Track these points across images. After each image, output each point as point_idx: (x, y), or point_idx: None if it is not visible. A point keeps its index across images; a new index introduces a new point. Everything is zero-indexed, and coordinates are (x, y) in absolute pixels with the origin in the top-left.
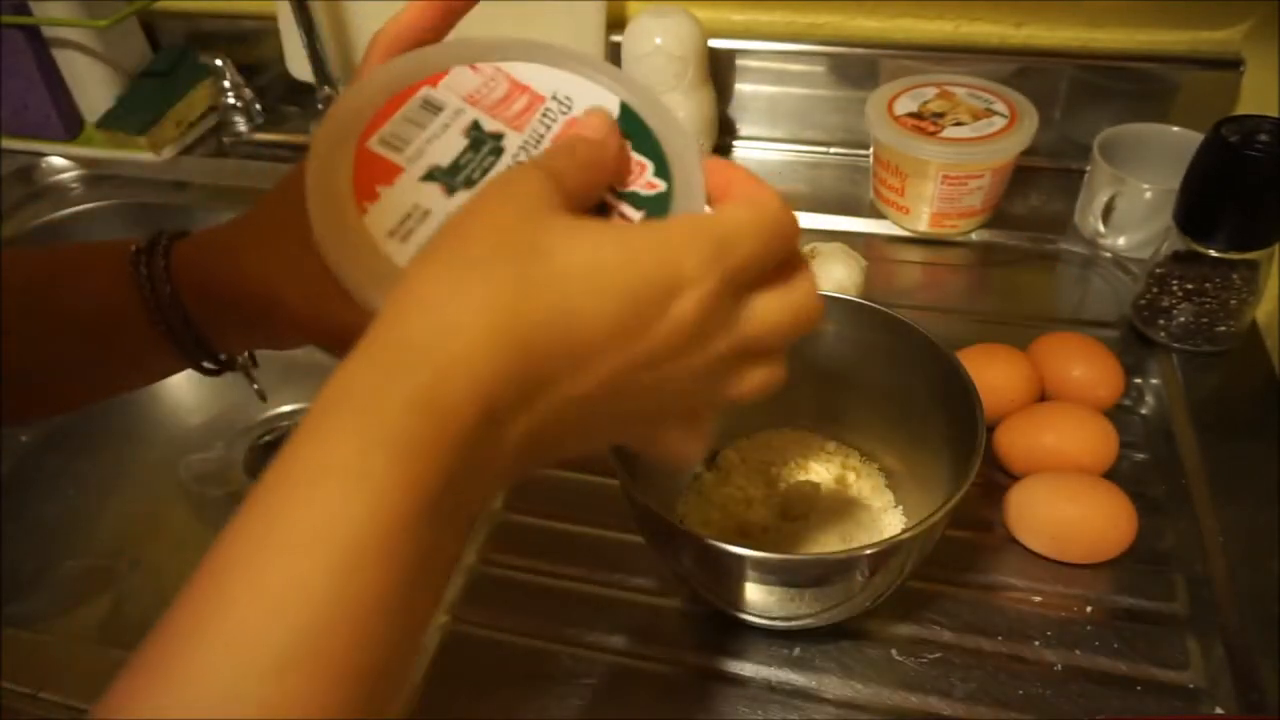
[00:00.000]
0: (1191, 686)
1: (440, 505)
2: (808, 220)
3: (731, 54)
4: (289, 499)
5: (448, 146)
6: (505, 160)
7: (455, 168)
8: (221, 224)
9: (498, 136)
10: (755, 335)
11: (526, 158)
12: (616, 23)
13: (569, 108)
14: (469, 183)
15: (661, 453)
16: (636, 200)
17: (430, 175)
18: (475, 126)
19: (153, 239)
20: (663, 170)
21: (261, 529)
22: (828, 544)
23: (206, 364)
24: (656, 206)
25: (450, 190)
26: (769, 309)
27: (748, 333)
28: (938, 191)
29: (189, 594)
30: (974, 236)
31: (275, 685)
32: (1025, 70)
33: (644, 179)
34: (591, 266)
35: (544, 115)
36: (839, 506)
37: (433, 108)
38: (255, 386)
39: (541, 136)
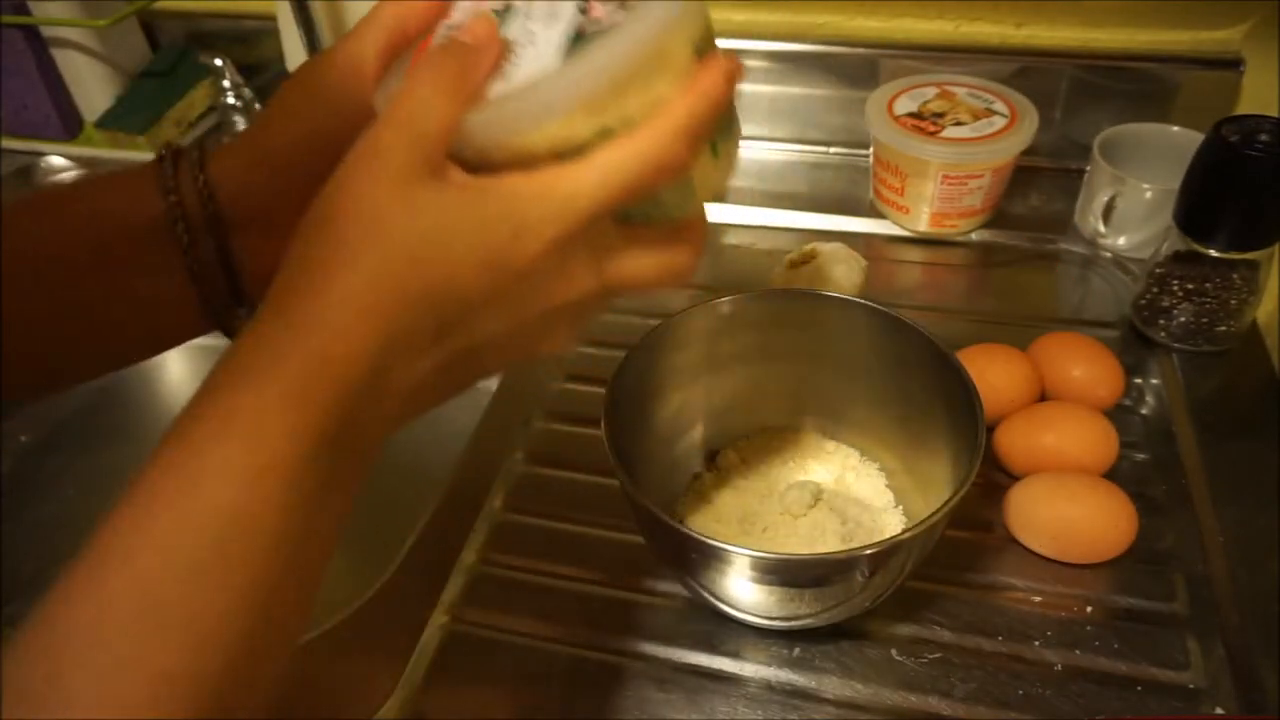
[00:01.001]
0: (1191, 686)
1: (334, 444)
2: (808, 220)
3: (732, 54)
4: (198, 439)
5: None
6: (521, 20)
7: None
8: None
9: (507, 7)
10: (615, 284)
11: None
12: None
13: None
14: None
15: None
16: None
17: None
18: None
19: (176, 151)
20: None
21: (179, 460)
22: (828, 544)
23: (216, 300)
24: None
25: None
26: (636, 266)
27: (607, 280)
28: (938, 191)
29: (111, 521)
30: (974, 236)
31: (191, 586)
32: (1025, 70)
33: None
34: (446, 238)
35: None
36: (839, 506)
37: (454, 26)
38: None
39: None
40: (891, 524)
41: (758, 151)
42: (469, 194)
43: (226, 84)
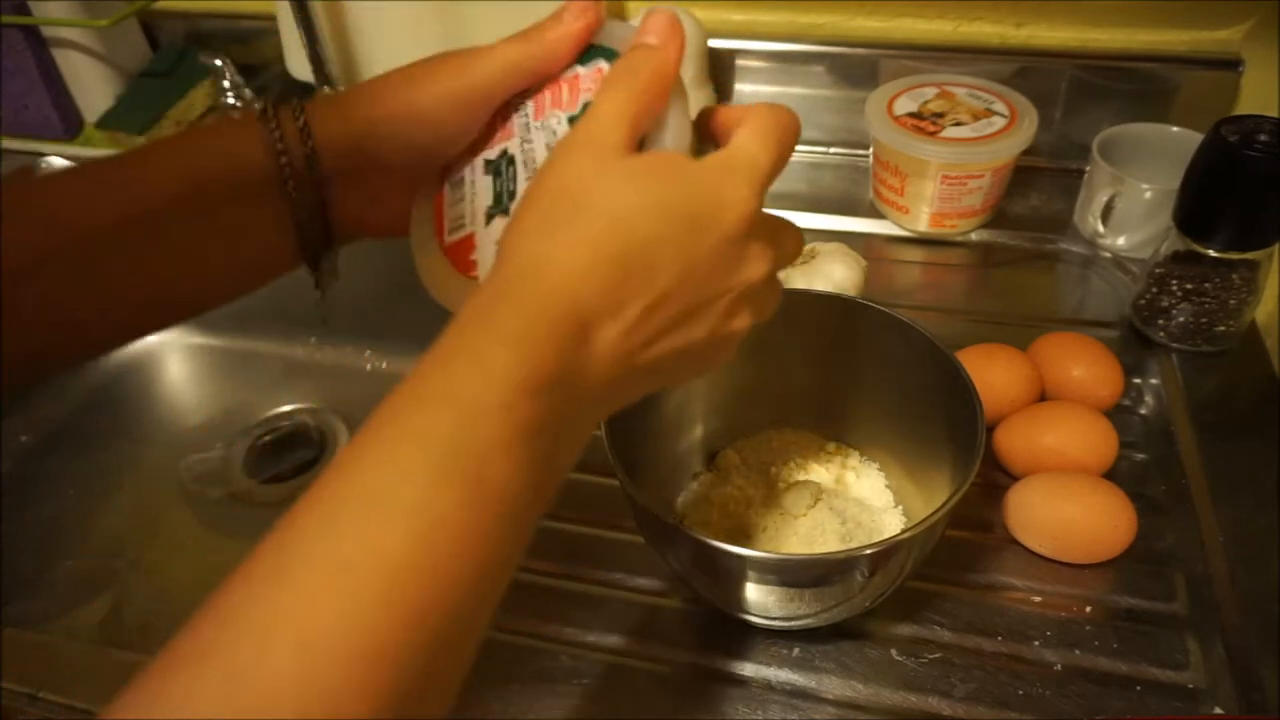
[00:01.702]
0: (1191, 686)
1: (546, 390)
2: (808, 220)
3: (731, 54)
4: (427, 368)
5: (484, 191)
6: (520, 165)
7: (499, 196)
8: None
9: (504, 154)
10: (780, 260)
11: (529, 151)
12: None
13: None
14: (512, 195)
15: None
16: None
17: (490, 217)
18: (486, 164)
19: (277, 105)
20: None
21: (412, 384)
22: (828, 544)
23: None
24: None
25: (508, 211)
26: (786, 241)
27: (777, 256)
28: (937, 191)
29: (356, 436)
30: (974, 236)
31: (417, 486)
32: (1025, 70)
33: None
34: (653, 203)
35: (519, 113)
36: (839, 506)
37: (457, 182)
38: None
39: (527, 126)
40: (891, 524)
41: None
42: (664, 172)
43: (226, 84)
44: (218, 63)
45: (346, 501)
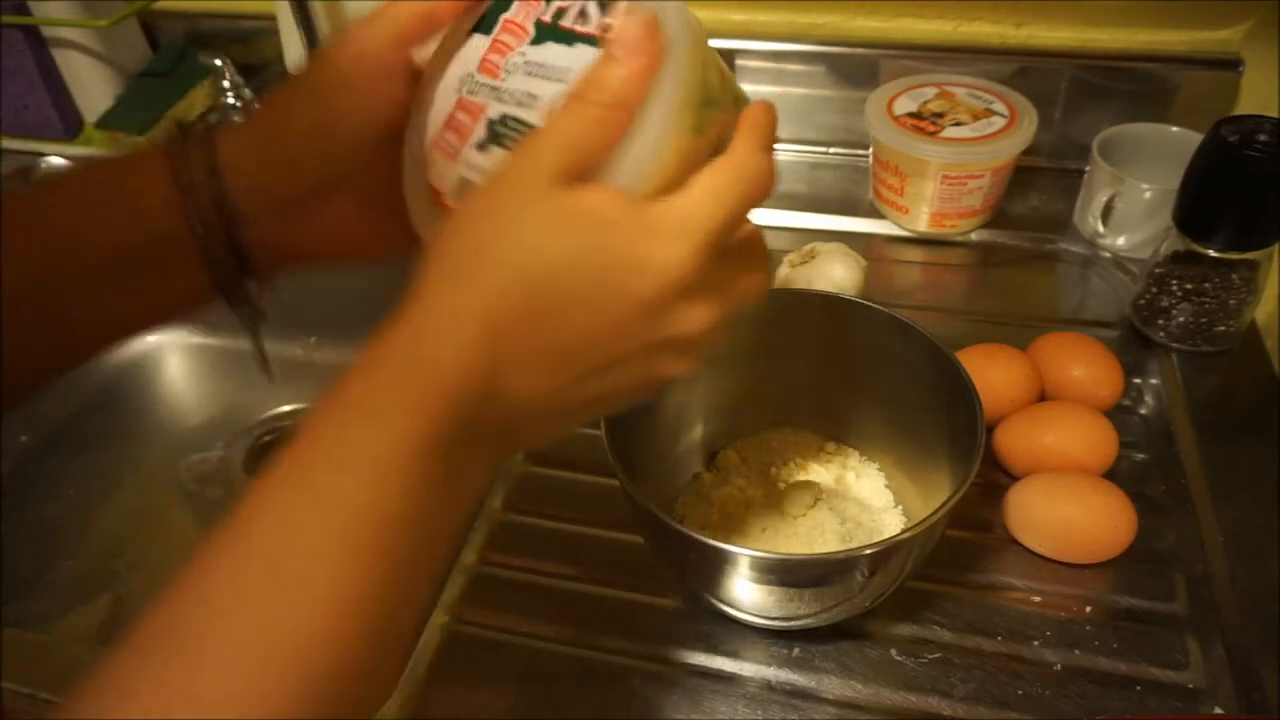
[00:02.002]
0: (1191, 686)
1: (449, 448)
2: (808, 220)
3: (731, 54)
4: (321, 426)
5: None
6: (517, 109)
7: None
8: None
9: (497, 121)
10: (730, 307)
11: (519, 94)
12: None
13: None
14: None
15: (642, 395)
16: None
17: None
18: (478, 146)
19: (185, 131)
20: None
21: (303, 445)
22: (828, 544)
23: (227, 278)
24: None
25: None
26: (741, 286)
27: (725, 304)
28: (937, 191)
29: (246, 499)
30: (974, 236)
31: (312, 559)
32: (1025, 70)
33: None
34: (564, 259)
35: (478, 93)
36: (839, 506)
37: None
38: (263, 354)
39: (495, 90)
40: (891, 524)
41: None
42: (586, 221)
43: (226, 84)
44: (218, 63)
45: (246, 572)
